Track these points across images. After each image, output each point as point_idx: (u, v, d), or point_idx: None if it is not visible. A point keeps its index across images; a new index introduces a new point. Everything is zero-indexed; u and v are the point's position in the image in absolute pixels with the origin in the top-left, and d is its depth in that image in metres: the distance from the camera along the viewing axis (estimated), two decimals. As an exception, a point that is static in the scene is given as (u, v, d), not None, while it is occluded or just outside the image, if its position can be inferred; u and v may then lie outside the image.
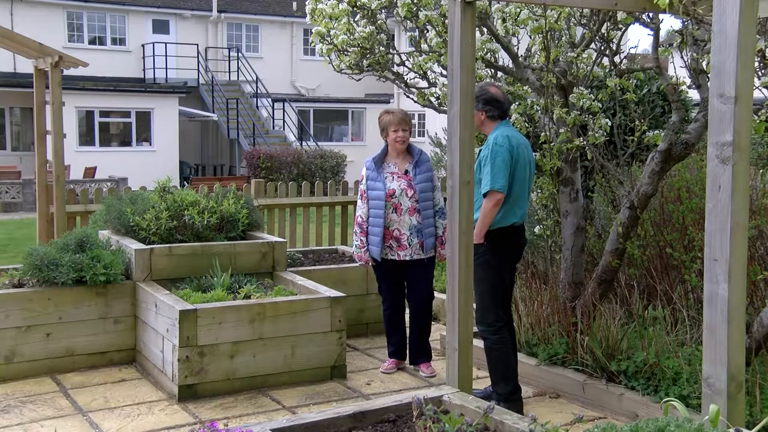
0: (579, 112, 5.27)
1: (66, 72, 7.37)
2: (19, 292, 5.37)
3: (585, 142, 5.28)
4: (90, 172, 20.93)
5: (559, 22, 5.29)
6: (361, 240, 5.44)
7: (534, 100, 5.60)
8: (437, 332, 6.44)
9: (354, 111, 27.23)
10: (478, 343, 4.84)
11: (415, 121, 27.17)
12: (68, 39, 24.70)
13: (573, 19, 5.49)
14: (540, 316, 5.36)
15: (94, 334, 5.54)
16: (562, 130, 5.26)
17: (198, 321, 4.94)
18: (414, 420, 2.96)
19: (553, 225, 6.09)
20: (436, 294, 7.43)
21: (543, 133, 5.40)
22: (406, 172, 5.40)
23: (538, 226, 6.16)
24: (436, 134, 14.71)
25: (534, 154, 5.47)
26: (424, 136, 23.25)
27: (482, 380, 5.23)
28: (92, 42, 25.39)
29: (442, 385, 3.87)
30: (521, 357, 5.25)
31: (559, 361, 5.09)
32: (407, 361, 5.67)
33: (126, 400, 4.94)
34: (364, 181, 5.47)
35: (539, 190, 6.04)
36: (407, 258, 5.37)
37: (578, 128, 5.40)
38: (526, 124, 5.71)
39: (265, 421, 3.10)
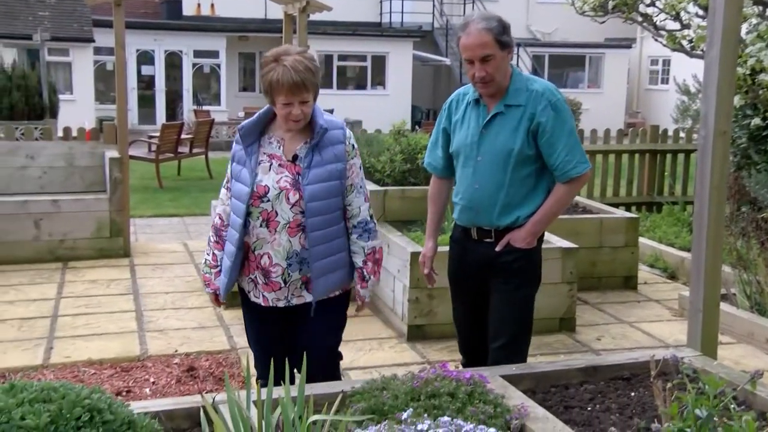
0: None
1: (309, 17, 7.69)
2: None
3: None
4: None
5: None
6: (214, 254, 3.29)
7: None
8: (675, 291, 6.07)
9: (591, 56, 26.13)
10: (725, 306, 4.48)
11: (659, 67, 25.56)
12: (313, -14, 25.82)
13: None
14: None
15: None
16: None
17: (429, 263, 5.00)
18: (651, 379, 2.78)
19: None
20: (678, 252, 6.99)
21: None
22: (295, 158, 3.11)
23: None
24: (684, 81, 13.72)
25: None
26: (668, 83, 21.83)
27: (726, 346, 4.85)
28: (334, -13, 26.38)
29: (682, 347, 3.62)
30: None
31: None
32: None
33: (359, 335, 5.15)
34: (230, 161, 3.25)
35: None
36: (281, 304, 3.18)
37: None
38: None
39: (495, 366, 3.08)
